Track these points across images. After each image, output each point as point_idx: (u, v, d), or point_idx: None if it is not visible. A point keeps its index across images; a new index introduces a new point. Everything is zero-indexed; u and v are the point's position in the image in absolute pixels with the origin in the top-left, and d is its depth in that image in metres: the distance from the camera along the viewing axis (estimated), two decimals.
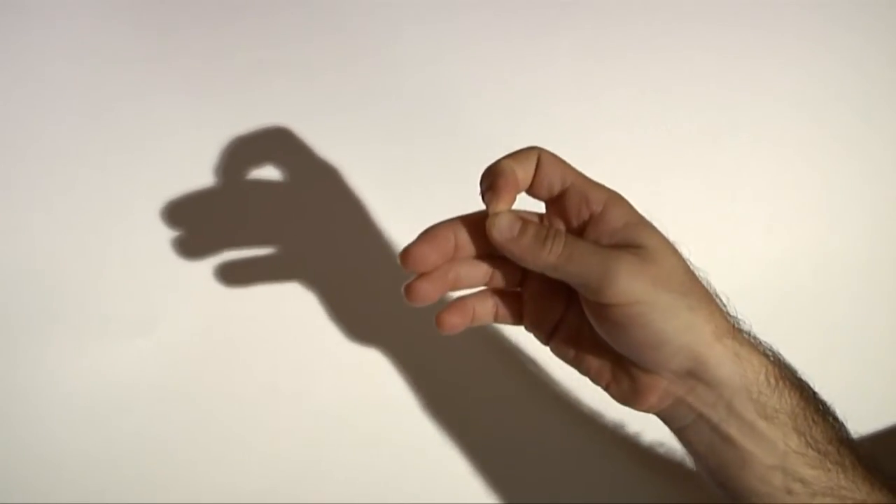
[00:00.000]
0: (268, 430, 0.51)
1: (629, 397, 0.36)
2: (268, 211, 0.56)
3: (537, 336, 0.38)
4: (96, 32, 0.58)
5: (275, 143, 0.56)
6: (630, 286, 0.32)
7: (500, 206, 0.34)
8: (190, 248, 0.54)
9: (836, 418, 0.36)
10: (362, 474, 0.51)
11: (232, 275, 0.54)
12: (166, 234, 0.54)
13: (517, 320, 0.38)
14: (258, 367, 0.52)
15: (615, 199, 0.35)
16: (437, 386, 0.53)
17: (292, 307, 0.54)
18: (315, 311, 0.54)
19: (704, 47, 0.62)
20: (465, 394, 0.53)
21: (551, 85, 0.60)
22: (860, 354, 0.54)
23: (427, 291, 0.35)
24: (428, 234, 0.36)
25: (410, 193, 0.56)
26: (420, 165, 0.57)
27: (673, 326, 0.32)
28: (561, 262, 0.33)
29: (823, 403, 0.36)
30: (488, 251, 0.36)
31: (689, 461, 0.38)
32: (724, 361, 0.33)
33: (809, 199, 0.59)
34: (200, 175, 0.55)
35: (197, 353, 0.52)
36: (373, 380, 0.53)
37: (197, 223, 0.54)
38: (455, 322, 0.36)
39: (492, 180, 0.34)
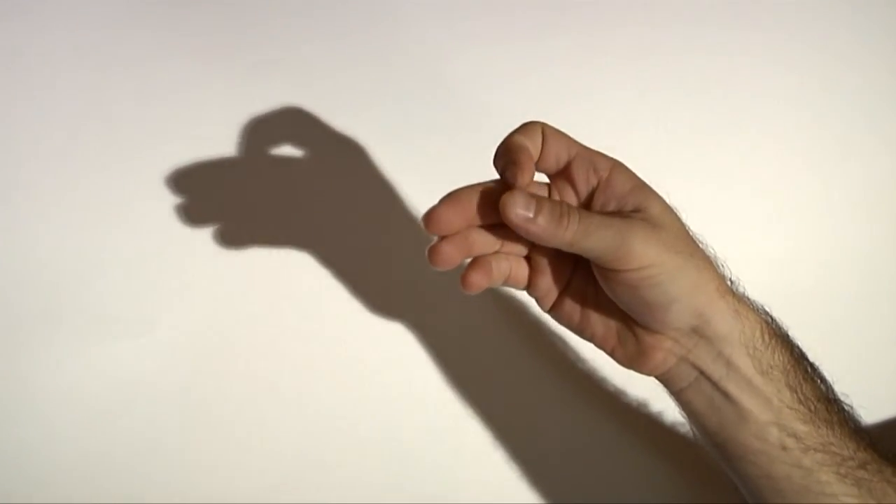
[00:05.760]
0: (268, 429, 0.54)
1: (634, 359, 0.40)
2: (268, 211, 0.59)
3: (540, 302, 0.42)
4: (96, 33, 0.62)
5: (275, 143, 0.60)
6: (644, 251, 0.35)
7: (527, 178, 0.36)
8: (190, 247, 0.57)
9: (823, 379, 0.40)
10: (363, 474, 0.53)
11: (232, 275, 0.57)
12: (166, 234, 0.57)
13: (524, 285, 0.42)
14: (258, 367, 0.55)
15: (619, 164, 0.39)
16: (445, 379, 0.56)
17: (292, 307, 0.57)
18: (314, 310, 0.57)
19: (704, 47, 0.66)
20: (475, 382, 0.56)
21: (552, 85, 0.64)
22: (860, 353, 0.56)
23: (450, 254, 0.37)
24: (452, 198, 0.38)
25: (410, 193, 0.59)
26: (420, 164, 0.60)
27: (683, 286, 0.37)
28: (578, 238, 0.35)
29: (812, 364, 0.40)
30: (501, 219, 0.39)
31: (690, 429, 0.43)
32: (726, 317, 0.38)
33: (810, 199, 0.62)
34: (200, 175, 0.59)
35: (197, 353, 0.55)
36: (373, 379, 0.56)
37: (197, 223, 0.58)
38: (479, 280, 0.38)
39: (512, 156, 0.36)
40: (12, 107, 0.60)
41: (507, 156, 0.37)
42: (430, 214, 0.37)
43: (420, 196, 0.60)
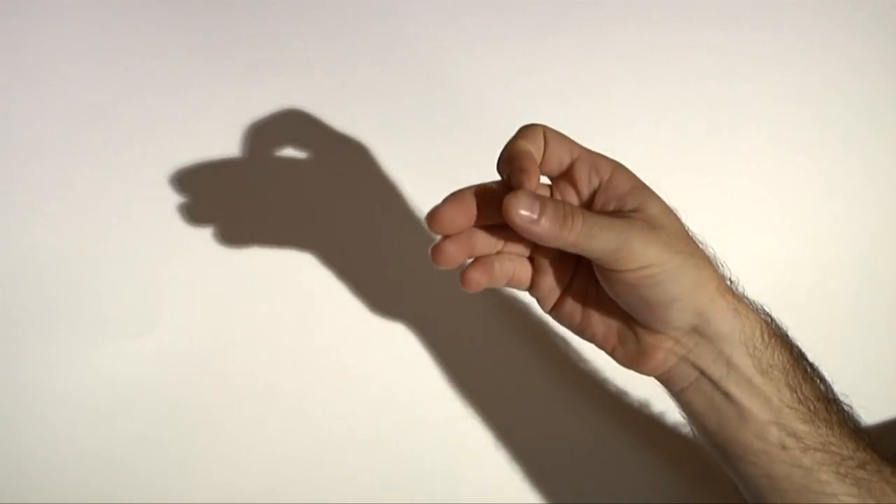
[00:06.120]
0: (268, 430, 0.54)
1: (635, 359, 0.40)
2: (267, 211, 0.59)
3: (542, 302, 0.42)
4: (96, 33, 0.63)
5: (275, 143, 0.60)
6: (644, 251, 0.36)
7: (533, 184, 0.36)
8: (190, 247, 0.57)
9: (822, 379, 0.41)
10: (363, 474, 0.54)
11: (232, 274, 0.57)
12: (166, 234, 0.58)
13: (527, 285, 0.42)
14: (258, 367, 0.56)
15: (619, 165, 0.39)
16: (446, 379, 0.56)
17: (292, 306, 0.57)
18: (315, 310, 0.57)
19: (704, 47, 0.66)
20: (476, 383, 0.56)
21: (552, 85, 0.64)
22: (860, 353, 0.57)
23: (453, 253, 0.38)
24: (455, 197, 0.38)
25: (410, 192, 0.60)
26: (421, 163, 0.61)
27: (683, 285, 0.37)
28: (581, 239, 0.35)
29: (811, 364, 0.41)
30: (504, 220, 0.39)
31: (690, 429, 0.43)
32: (726, 316, 0.38)
33: (810, 199, 0.63)
34: (200, 175, 0.59)
35: (197, 353, 0.55)
36: (374, 379, 0.56)
37: (197, 223, 0.58)
38: (479, 278, 0.39)
39: (517, 163, 0.36)
40: (12, 106, 0.60)
41: (511, 162, 0.37)
42: (434, 213, 0.37)
43: (421, 195, 0.60)
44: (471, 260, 0.40)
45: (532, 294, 0.43)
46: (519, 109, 0.62)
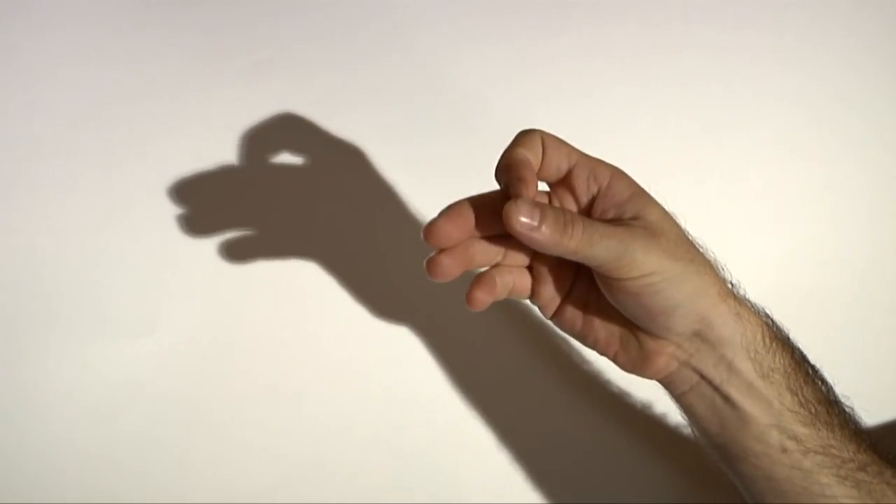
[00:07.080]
0: (268, 430, 0.54)
1: (637, 364, 0.40)
2: (268, 212, 0.59)
3: (543, 310, 0.42)
4: (97, 33, 0.62)
5: (275, 143, 0.60)
6: (646, 259, 0.36)
7: (531, 193, 0.35)
8: (190, 247, 0.57)
9: (824, 381, 0.40)
10: (363, 474, 0.54)
11: (232, 275, 0.57)
12: (166, 234, 0.57)
13: (527, 294, 0.42)
14: (258, 367, 0.56)
15: (618, 172, 0.39)
16: (448, 380, 0.56)
17: (292, 307, 0.57)
18: (314, 311, 0.57)
19: (704, 47, 0.66)
20: (478, 384, 0.56)
21: (552, 85, 0.64)
22: (861, 355, 0.57)
23: (449, 267, 0.37)
24: (451, 211, 0.38)
25: (410, 193, 0.60)
26: (421, 164, 0.61)
27: (684, 291, 0.37)
28: (582, 246, 0.35)
29: (812, 367, 0.40)
30: (503, 230, 0.37)
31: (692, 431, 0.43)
32: (727, 321, 0.38)
33: (810, 199, 0.63)
34: (200, 175, 0.59)
35: (197, 354, 0.55)
36: (375, 381, 0.56)
37: (197, 223, 0.58)
38: (484, 297, 0.39)
39: (515, 172, 0.36)
40: (12, 106, 0.60)
41: (509, 171, 0.36)
42: (430, 228, 0.37)
43: (421, 196, 0.60)
44: (479, 270, 0.40)
45: (533, 302, 0.42)
46: (519, 110, 0.62)
